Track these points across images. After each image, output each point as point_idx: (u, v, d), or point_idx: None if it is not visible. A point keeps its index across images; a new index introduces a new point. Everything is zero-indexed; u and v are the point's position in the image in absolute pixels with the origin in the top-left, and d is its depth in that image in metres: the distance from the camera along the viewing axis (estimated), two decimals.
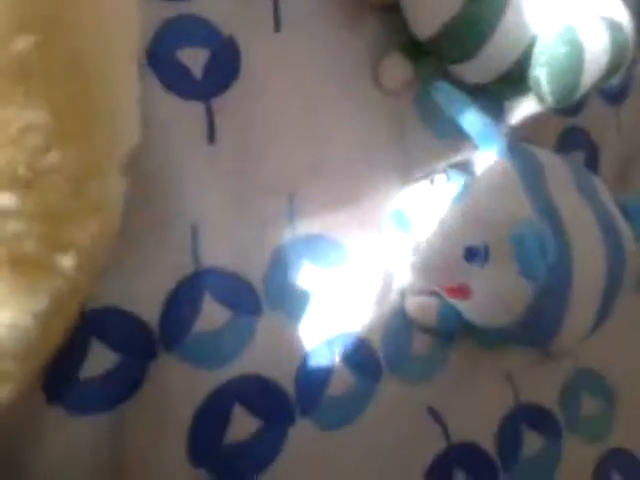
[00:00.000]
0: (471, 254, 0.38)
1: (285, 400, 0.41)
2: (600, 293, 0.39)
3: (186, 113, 0.42)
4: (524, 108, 0.51)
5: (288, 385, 0.41)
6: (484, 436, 0.45)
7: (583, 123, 0.56)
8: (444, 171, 0.42)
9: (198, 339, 0.40)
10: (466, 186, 0.40)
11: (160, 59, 0.42)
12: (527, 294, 0.38)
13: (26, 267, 0.23)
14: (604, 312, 0.40)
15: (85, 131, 0.25)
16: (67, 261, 0.25)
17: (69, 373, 0.37)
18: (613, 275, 0.39)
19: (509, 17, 0.43)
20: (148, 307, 0.39)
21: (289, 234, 0.43)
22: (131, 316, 0.38)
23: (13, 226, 0.22)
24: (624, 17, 0.45)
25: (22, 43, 0.20)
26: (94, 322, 0.37)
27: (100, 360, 0.38)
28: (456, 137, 0.45)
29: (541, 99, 0.44)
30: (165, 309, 0.39)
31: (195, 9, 0.44)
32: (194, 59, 0.43)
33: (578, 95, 0.44)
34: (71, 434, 0.37)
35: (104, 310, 0.38)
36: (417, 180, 0.44)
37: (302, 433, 0.41)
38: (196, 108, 0.42)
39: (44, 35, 0.21)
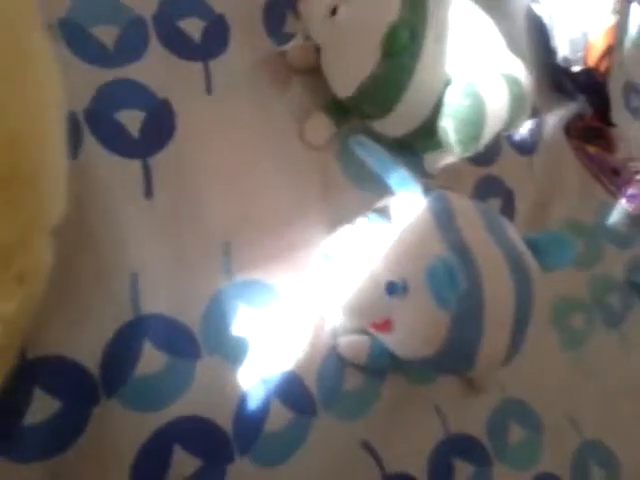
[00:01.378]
0: (392, 289, 0.42)
1: (224, 439, 0.43)
2: (511, 318, 0.43)
3: (124, 170, 0.45)
4: (441, 158, 0.56)
5: (227, 424, 0.43)
6: (417, 467, 0.48)
7: (498, 172, 0.62)
8: (365, 215, 0.45)
9: (138, 384, 0.42)
10: (385, 227, 0.44)
11: (99, 120, 0.46)
12: (444, 323, 0.41)
13: None
14: (518, 337, 0.44)
15: (11, 207, 0.27)
16: None
17: (12, 421, 0.38)
18: (522, 302, 0.43)
19: (419, 74, 0.48)
20: (89, 354, 0.41)
21: (225, 280, 0.46)
22: (73, 363, 0.40)
23: None
24: (522, 73, 0.51)
25: None
26: (36, 370, 0.39)
27: (43, 407, 0.39)
28: (375, 187, 0.49)
29: (450, 148, 0.49)
30: (106, 355, 0.41)
31: (131, 74, 0.48)
32: (131, 120, 0.47)
33: (483, 143, 0.49)
34: None
35: (46, 358, 0.40)
36: (342, 225, 0.48)
37: (241, 471, 0.43)
38: (134, 165, 0.46)
39: None
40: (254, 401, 0.44)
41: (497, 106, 0.48)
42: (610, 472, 0.55)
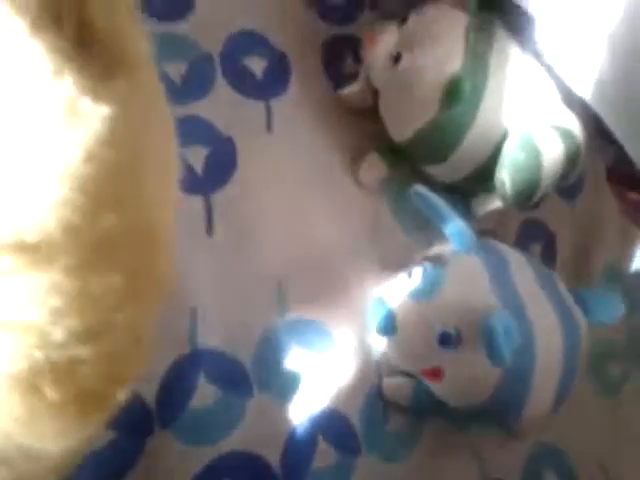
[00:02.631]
0: (444, 339, 0.43)
1: (273, 476, 0.44)
2: (559, 372, 0.45)
3: (187, 206, 0.47)
4: (489, 203, 0.57)
5: (275, 461, 0.44)
6: None
7: (541, 216, 0.63)
8: (421, 265, 0.47)
9: (192, 416, 0.43)
10: (440, 279, 0.46)
11: None
12: (495, 377, 0.43)
13: (90, 401, 0.26)
14: (564, 390, 0.46)
15: (149, 286, 0.28)
16: (121, 394, 0.28)
17: None
18: (570, 357, 0.45)
19: (477, 124, 0.49)
20: (147, 385, 0.43)
21: (278, 319, 0.48)
22: (131, 393, 0.42)
23: (84, 370, 0.24)
24: (576, 126, 0.52)
25: (106, 221, 0.23)
26: None
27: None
28: (422, 233, 0.51)
29: (505, 200, 0.50)
30: (162, 387, 0.43)
31: (198, 112, 0.50)
32: (196, 157, 0.49)
33: (538, 196, 0.50)
34: None
35: None
36: (392, 271, 0.50)
37: None
38: (196, 202, 0.48)
39: (122, 212, 0.24)
40: (301, 439, 0.46)
41: (553, 159, 0.49)
42: None
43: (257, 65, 0.54)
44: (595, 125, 0.71)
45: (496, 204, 0.56)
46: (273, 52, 0.55)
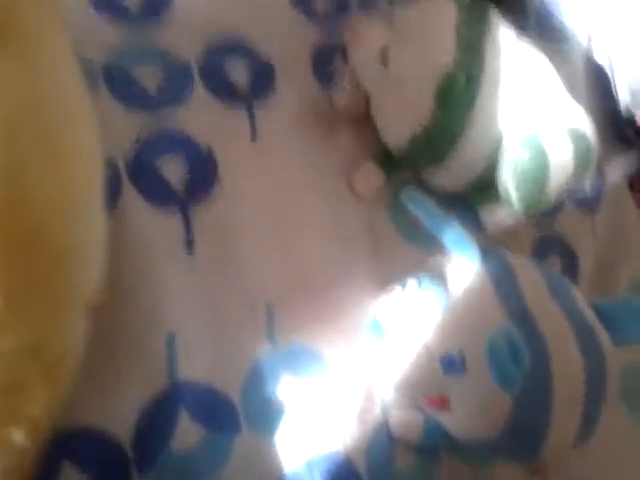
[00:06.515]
0: (448, 364, 0.40)
1: None
2: (582, 397, 0.40)
3: (164, 222, 0.44)
4: (498, 213, 0.54)
5: None
6: None
7: (558, 229, 0.60)
8: (416, 277, 0.44)
9: (172, 460, 0.40)
10: (439, 294, 0.42)
11: (139, 168, 0.45)
12: (507, 403, 0.39)
13: None
14: (589, 419, 0.41)
15: (40, 301, 0.25)
16: (19, 435, 0.25)
17: None
18: (593, 379, 0.41)
19: (476, 125, 0.46)
20: (122, 426, 0.39)
21: (268, 346, 0.44)
22: (104, 436, 0.39)
23: None
24: (588, 127, 0.49)
25: None
26: (66, 443, 0.38)
27: None
28: (428, 243, 0.47)
29: (511, 205, 0.47)
30: (139, 428, 0.40)
31: (174, 122, 0.47)
32: (173, 170, 0.46)
33: (546, 201, 0.47)
34: None
35: (76, 431, 0.38)
36: (392, 287, 0.46)
37: None
38: (174, 217, 0.45)
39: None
40: None
41: (561, 161, 0.46)
42: None
43: (239, 71, 0.52)
44: (616, 131, 0.69)
45: (506, 215, 0.53)
46: (256, 57, 0.53)
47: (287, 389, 0.44)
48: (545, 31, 0.67)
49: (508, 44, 0.48)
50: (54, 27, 0.28)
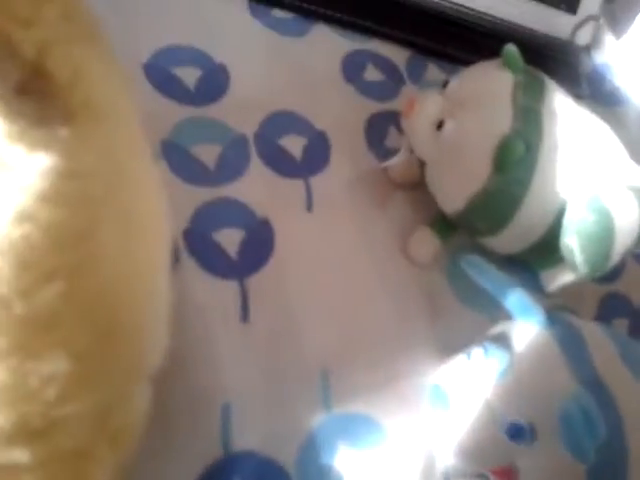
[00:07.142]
0: (516, 432, 0.38)
1: None
2: None
3: (221, 291, 0.45)
4: (560, 276, 0.53)
5: None
6: None
7: (623, 289, 0.59)
8: (481, 345, 0.43)
9: None
10: (506, 361, 0.41)
11: (197, 239, 0.46)
12: (580, 476, 0.37)
13: None
14: None
15: (111, 368, 0.25)
16: None
17: None
18: None
19: (535, 188, 0.46)
20: None
21: (323, 414, 0.44)
22: None
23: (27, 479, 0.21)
24: None
25: (48, 293, 0.20)
26: None
27: None
28: (490, 308, 0.47)
29: (575, 268, 0.46)
30: None
31: (231, 193, 0.49)
32: (230, 240, 0.47)
33: (612, 263, 0.46)
34: None
35: None
36: (454, 354, 0.45)
37: None
38: (231, 287, 0.46)
39: (69, 282, 0.21)
40: None
41: (626, 221, 0.46)
42: None
43: (294, 144, 0.53)
44: None
45: (568, 277, 0.52)
46: (311, 130, 0.55)
47: (344, 459, 0.43)
48: (599, 96, 0.67)
49: (564, 109, 0.48)
50: (127, 105, 0.29)
